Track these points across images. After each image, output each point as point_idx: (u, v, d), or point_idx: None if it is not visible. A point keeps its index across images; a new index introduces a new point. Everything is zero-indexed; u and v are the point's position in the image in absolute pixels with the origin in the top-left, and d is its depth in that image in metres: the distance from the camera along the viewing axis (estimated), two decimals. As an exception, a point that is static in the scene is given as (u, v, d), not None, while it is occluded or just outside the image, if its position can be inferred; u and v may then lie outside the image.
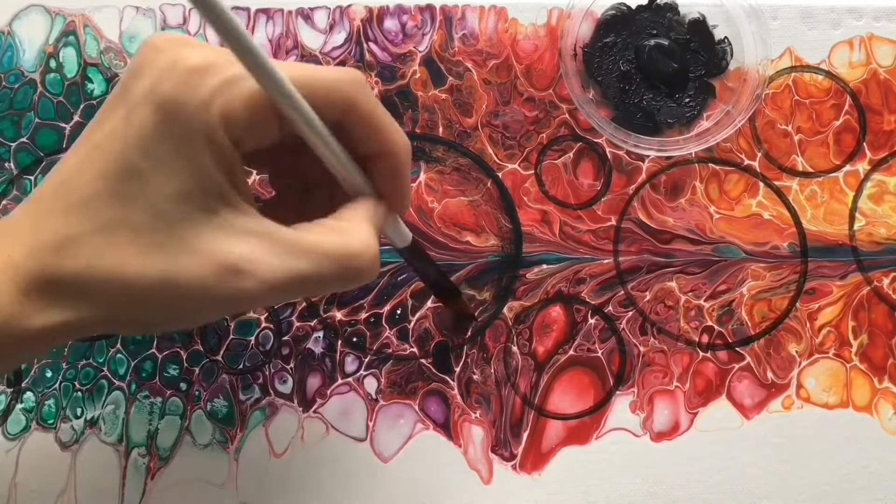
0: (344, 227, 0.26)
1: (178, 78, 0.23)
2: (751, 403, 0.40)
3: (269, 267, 0.24)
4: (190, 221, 0.24)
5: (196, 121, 0.23)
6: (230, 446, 0.39)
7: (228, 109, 0.23)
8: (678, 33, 0.42)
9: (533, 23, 0.43)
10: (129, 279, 0.23)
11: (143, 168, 0.23)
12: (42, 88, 0.42)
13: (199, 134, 0.23)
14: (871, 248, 0.42)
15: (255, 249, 0.24)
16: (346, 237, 0.26)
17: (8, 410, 0.39)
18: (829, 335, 0.41)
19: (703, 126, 0.42)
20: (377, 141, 0.27)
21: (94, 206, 0.23)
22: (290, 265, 0.24)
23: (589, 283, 0.41)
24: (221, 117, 0.23)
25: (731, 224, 0.42)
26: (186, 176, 0.23)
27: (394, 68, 0.42)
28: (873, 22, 0.43)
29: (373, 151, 0.27)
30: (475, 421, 0.40)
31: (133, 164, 0.23)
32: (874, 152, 0.42)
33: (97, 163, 0.24)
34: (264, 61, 0.23)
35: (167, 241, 0.23)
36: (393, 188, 0.28)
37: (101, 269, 0.23)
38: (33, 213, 0.24)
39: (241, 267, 0.24)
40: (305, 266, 0.25)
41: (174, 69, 0.23)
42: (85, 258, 0.23)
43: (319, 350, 0.40)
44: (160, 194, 0.23)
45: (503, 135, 0.42)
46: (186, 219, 0.24)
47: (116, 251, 0.23)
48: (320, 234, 0.25)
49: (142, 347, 0.40)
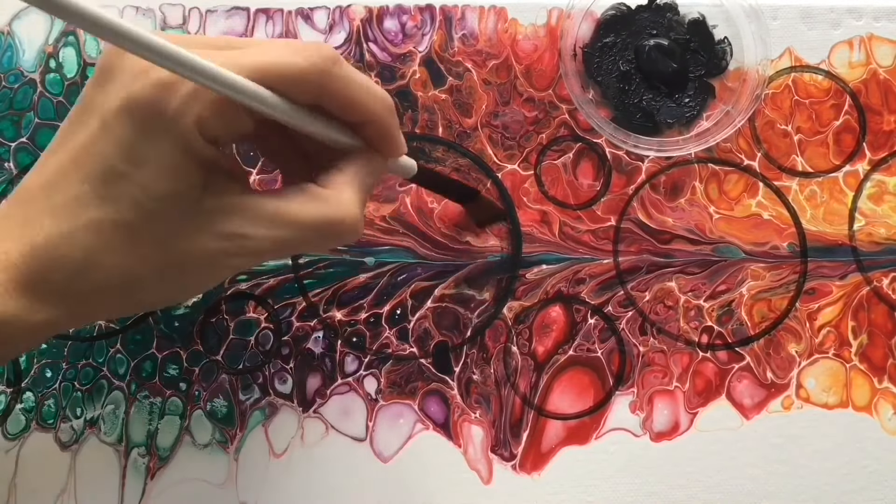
0: (327, 195, 0.27)
1: (150, 87, 0.24)
2: (750, 403, 0.40)
3: (255, 240, 0.26)
4: (177, 214, 0.25)
5: (173, 129, 0.24)
6: (230, 446, 0.39)
7: (201, 116, 0.24)
8: (678, 33, 0.42)
9: (533, 23, 0.43)
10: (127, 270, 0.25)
11: (125, 171, 0.24)
12: (42, 88, 0.42)
13: (176, 140, 0.24)
14: (870, 248, 0.42)
15: (242, 225, 0.26)
16: (327, 205, 0.27)
17: (8, 410, 0.39)
18: (829, 335, 0.41)
19: (702, 126, 0.42)
20: (356, 113, 0.27)
21: (80, 206, 0.24)
22: (275, 235, 0.26)
23: (589, 284, 0.41)
24: (195, 125, 0.24)
25: (731, 224, 0.42)
26: (170, 177, 0.24)
27: (393, 68, 0.42)
28: (873, 22, 0.43)
29: (355, 121, 0.28)
30: (475, 421, 0.40)
31: (115, 167, 0.24)
32: (874, 152, 0.42)
33: (80, 166, 0.24)
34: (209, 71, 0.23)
35: (158, 233, 0.25)
36: (383, 143, 0.29)
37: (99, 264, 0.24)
38: (22, 213, 0.25)
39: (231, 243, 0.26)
40: (288, 235, 0.26)
41: (144, 76, 0.24)
42: (80, 255, 0.24)
43: (319, 350, 0.40)
44: (145, 195, 0.24)
45: (503, 135, 0.42)
46: (174, 212, 0.25)
47: (109, 247, 0.24)
48: (303, 204, 0.27)
49: (141, 347, 0.40)
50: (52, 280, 0.24)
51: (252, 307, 0.41)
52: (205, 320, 0.40)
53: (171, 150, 0.24)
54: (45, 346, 0.40)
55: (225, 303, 0.41)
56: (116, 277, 0.25)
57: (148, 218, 0.24)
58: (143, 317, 0.40)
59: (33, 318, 0.25)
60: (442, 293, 0.41)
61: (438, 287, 0.41)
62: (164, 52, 0.22)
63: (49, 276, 0.24)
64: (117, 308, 0.27)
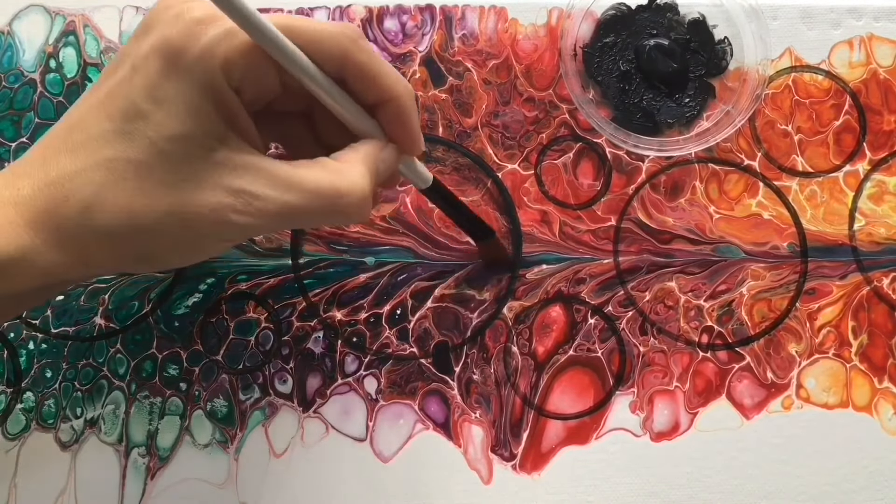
0: (337, 167, 0.27)
1: (183, 27, 0.24)
2: (751, 403, 0.40)
3: (263, 200, 0.26)
4: (190, 159, 0.25)
5: (197, 67, 0.24)
6: (230, 446, 0.39)
7: (228, 57, 0.25)
8: (678, 33, 0.42)
9: (533, 23, 0.43)
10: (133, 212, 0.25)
11: (146, 110, 0.24)
12: (42, 88, 0.42)
13: (199, 79, 0.24)
14: (870, 248, 0.42)
15: (252, 183, 0.26)
16: (337, 176, 0.27)
17: (8, 410, 0.39)
18: (829, 335, 0.41)
19: (702, 126, 0.42)
20: (377, 88, 0.27)
21: (98, 144, 0.25)
22: (283, 198, 0.26)
23: (589, 283, 0.41)
24: (221, 64, 0.25)
25: (731, 224, 0.42)
26: (187, 118, 0.25)
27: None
28: (873, 22, 0.43)
29: (375, 99, 0.28)
30: (475, 421, 0.40)
31: (137, 105, 0.24)
32: (874, 152, 0.42)
33: (105, 106, 0.25)
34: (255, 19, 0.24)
35: (168, 177, 0.25)
36: (401, 132, 0.29)
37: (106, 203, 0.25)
38: (41, 153, 0.26)
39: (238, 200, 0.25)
40: (296, 200, 0.26)
41: (179, 19, 0.24)
42: (90, 192, 0.25)
43: (319, 350, 0.40)
44: (161, 134, 0.24)
45: (503, 135, 0.42)
46: (186, 157, 0.25)
47: (119, 186, 0.25)
48: (313, 172, 0.27)
49: (142, 347, 0.40)
50: (60, 215, 0.25)
51: (252, 307, 0.41)
52: (205, 320, 0.40)
53: (193, 89, 0.24)
54: (45, 346, 0.40)
55: (225, 303, 0.41)
56: (122, 220, 0.25)
57: (160, 159, 0.25)
58: (143, 317, 0.40)
59: (41, 259, 0.25)
60: (442, 293, 0.41)
61: (438, 287, 0.41)
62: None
63: (58, 210, 0.25)
64: (119, 258, 0.27)
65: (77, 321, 0.40)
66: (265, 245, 0.41)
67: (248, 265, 0.41)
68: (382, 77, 0.27)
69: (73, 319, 0.40)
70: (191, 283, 0.41)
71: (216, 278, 0.41)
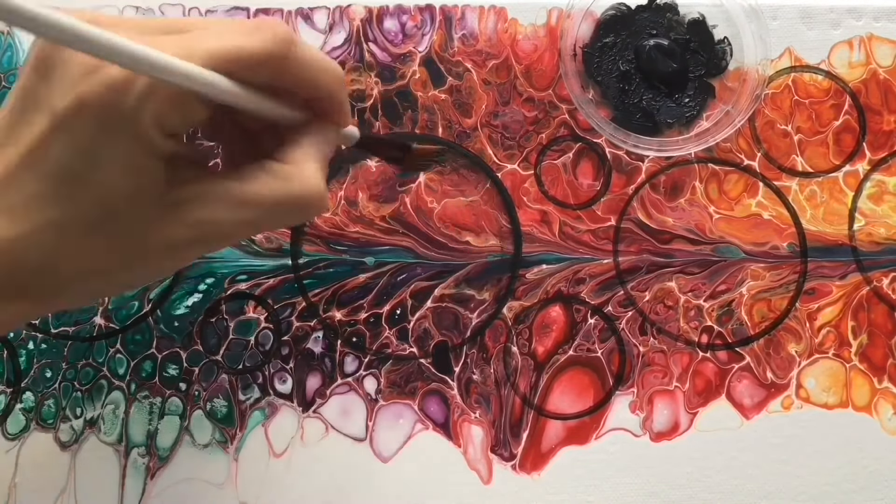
0: (288, 172, 0.27)
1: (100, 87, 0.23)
2: (750, 403, 0.40)
3: (220, 223, 0.26)
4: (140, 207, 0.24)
5: (130, 128, 0.23)
6: (230, 446, 0.39)
7: (159, 112, 0.23)
8: (678, 33, 0.42)
9: (532, 23, 0.43)
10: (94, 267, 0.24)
11: (83, 172, 0.23)
12: (42, 88, 0.42)
13: (135, 138, 0.23)
14: (870, 248, 0.42)
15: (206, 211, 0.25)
16: (290, 183, 0.26)
17: (8, 410, 0.39)
18: (829, 335, 0.41)
19: (702, 126, 0.42)
20: (310, 90, 0.27)
21: (39, 206, 0.23)
22: (242, 218, 0.26)
23: (588, 283, 0.41)
24: (153, 122, 0.23)
25: (731, 224, 0.42)
26: (129, 175, 0.24)
27: (393, 69, 0.42)
28: (873, 22, 0.43)
29: (308, 97, 0.28)
30: (475, 421, 0.40)
31: (72, 169, 0.23)
32: (874, 152, 0.42)
33: (33, 166, 0.23)
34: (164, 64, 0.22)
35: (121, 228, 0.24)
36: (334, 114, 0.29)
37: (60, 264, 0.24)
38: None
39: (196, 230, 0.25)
40: (256, 216, 0.26)
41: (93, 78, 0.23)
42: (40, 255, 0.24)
43: (319, 350, 0.40)
44: (105, 195, 0.24)
45: (503, 135, 0.42)
46: (136, 207, 0.24)
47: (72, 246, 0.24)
48: (267, 184, 0.26)
49: (142, 347, 0.40)
50: (14, 279, 0.24)
51: (252, 307, 0.41)
52: (205, 320, 0.40)
53: (131, 150, 0.23)
54: (45, 346, 0.40)
55: (225, 303, 0.41)
56: (82, 272, 0.24)
57: (111, 216, 0.24)
58: (142, 317, 0.40)
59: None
60: (442, 293, 0.41)
61: (438, 287, 0.41)
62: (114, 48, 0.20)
63: (11, 277, 0.24)
64: (86, 296, 0.26)
65: (77, 321, 0.40)
66: (265, 245, 0.41)
67: (248, 265, 0.41)
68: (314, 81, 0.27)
69: (73, 319, 0.40)
70: (190, 283, 0.41)
71: (216, 278, 0.41)
